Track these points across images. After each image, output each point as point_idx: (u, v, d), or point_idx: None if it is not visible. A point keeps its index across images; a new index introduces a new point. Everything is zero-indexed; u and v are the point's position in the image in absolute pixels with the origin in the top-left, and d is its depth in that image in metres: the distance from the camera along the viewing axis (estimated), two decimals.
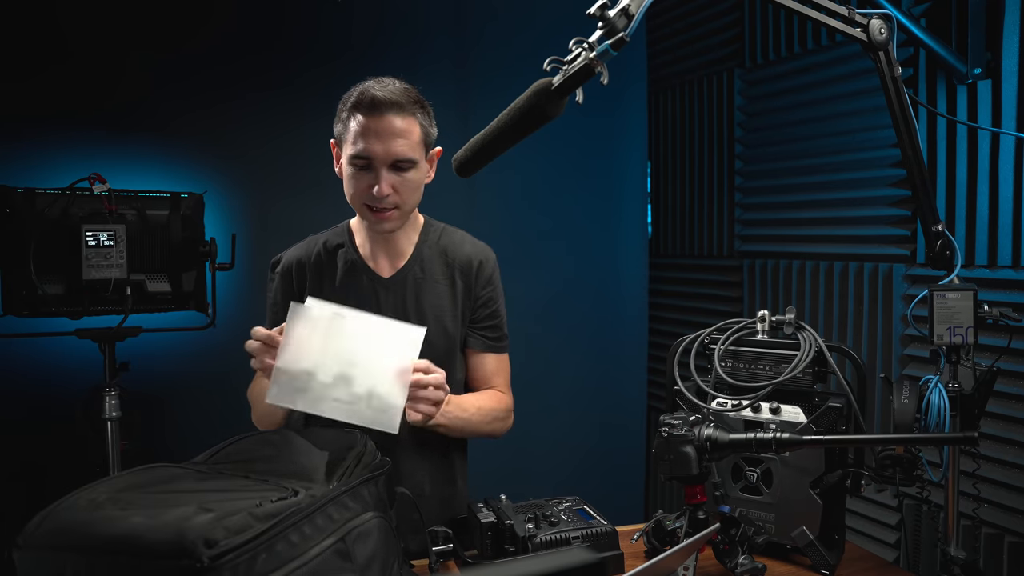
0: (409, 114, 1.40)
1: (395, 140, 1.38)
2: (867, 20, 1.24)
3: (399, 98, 1.39)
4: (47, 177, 2.09)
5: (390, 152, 1.39)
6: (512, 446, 1.65)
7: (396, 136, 1.38)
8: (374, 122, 1.38)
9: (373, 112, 1.37)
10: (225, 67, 2.56)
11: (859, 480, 1.37)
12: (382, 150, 1.38)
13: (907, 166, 1.33)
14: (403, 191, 1.42)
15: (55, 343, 2.16)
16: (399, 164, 1.40)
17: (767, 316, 1.49)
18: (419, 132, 1.42)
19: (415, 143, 1.41)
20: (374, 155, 1.39)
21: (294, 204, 2.61)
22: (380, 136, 1.38)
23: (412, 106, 1.41)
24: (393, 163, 1.40)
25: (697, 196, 3.05)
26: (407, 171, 1.42)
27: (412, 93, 1.43)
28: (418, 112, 1.42)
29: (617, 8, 1.02)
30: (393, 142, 1.38)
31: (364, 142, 1.38)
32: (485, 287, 1.58)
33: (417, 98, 1.43)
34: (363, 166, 1.40)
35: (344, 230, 1.60)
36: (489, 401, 1.56)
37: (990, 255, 1.90)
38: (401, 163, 1.40)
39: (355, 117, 1.39)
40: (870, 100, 2.21)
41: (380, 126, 1.38)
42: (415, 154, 1.42)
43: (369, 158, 1.39)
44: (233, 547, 0.83)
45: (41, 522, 0.89)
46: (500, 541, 1.33)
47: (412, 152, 1.41)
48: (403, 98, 1.39)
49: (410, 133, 1.40)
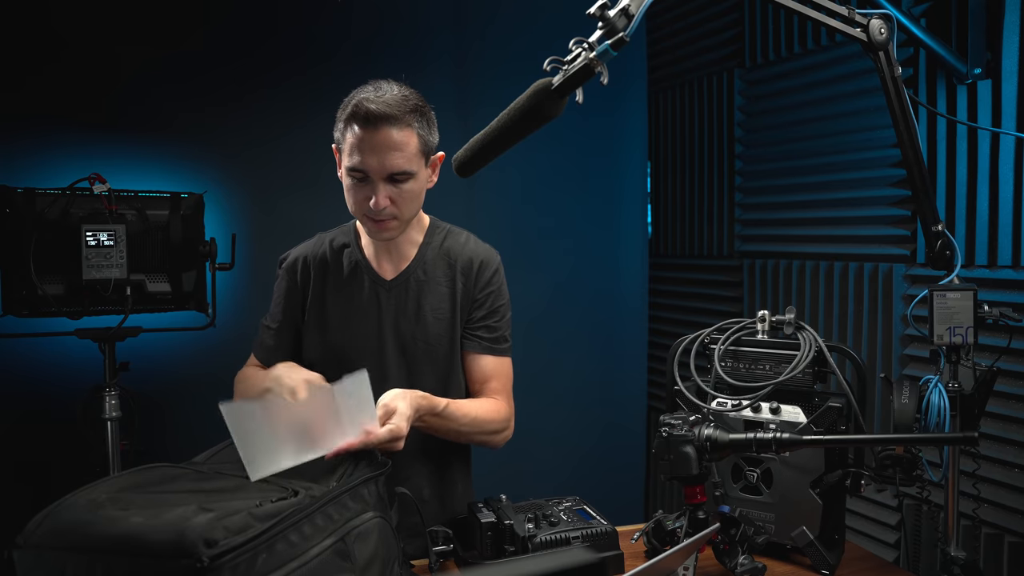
0: (405, 125, 1.37)
1: (390, 154, 1.36)
2: (867, 20, 1.24)
3: (394, 110, 1.35)
4: (47, 177, 2.09)
5: (385, 166, 1.37)
6: (512, 446, 1.64)
7: (391, 149, 1.36)
8: (369, 136, 1.35)
9: (367, 126, 1.35)
10: (225, 67, 2.56)
11: (859, 480, 1.37)
12: (377, 164, 1.36)
13: (907, 166, 1.33)
14: (400, 203, 1.41)
15: (55, 343, 2.16)
16: (395, 177, 1.39)
17: (767, 316, 1.49)
18: (416, 142, 1.39)
19: (412, 155, 1.39)
20: (369, 169, 1.37)
21: (294, 204, 2.61)
22: (375, 150, 1.36)
23: (408, 116, 1.37)
24: (389, 176, 1.38)
25: (697, 196, 3.05)
26: (404, 183, 1.40)
27: (410, 101, 1.39)
28: (415, 122, 1.39)
29: (617, 8, 1.02)
30: (388, 156, 1.36)
31: (359, 155, 1.37)
32: (484, 288, 1.56)
33: (415, 106, 1.40)
34: (360, 179, 1.39)
35: (351, 230, 1.60)
36: (485, 412, 1.52)
37: (990, 255, 1.90)
38: (398, 176, 1.39)
39: (351, 129, 1.37)
40: (870, 100, 2.21)
41: (375, 140, 1.35)
42: (412, 166, 1.39)
43: (365, 171, 1.38)
44: (233, 547, 0.83)
45: (41, 522, 0.89)
46: (500, 541, 1.33)
47: (408, 164, 1.39)
48: (398, 109, 1.36)
49: (406, 145, 1.37)
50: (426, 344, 1.52)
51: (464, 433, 1.50)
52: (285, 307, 1.58)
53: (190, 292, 2.19)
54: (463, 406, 1.49)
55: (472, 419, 1.48)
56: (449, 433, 1.46)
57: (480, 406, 1.53)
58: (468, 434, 1.51)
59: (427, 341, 1.53)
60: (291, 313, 1.57)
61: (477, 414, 1.50)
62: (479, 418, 1.50)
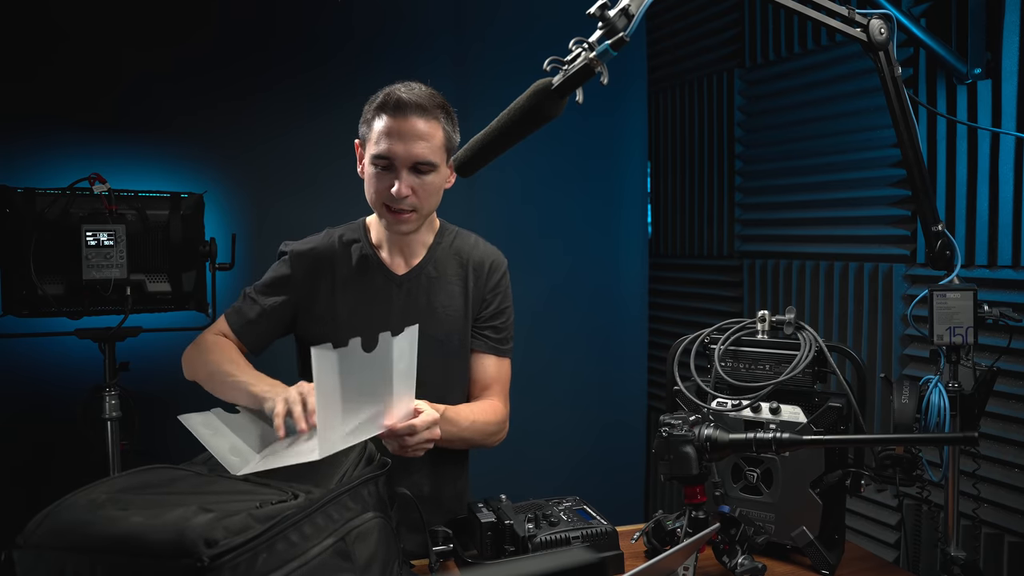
0: (432, 118, 1.41)
1: (417, 142, 1.39)
2: (867, 20, 1.24)
3: (424, 101, 1.40)
4: (47, 177, 2.09)
5: (411, 154, 1.39)
6: (512, 446, 1.64)
7: (418, 138, 1.39)
8: (397, 123, 1.39)
9: (397, 113, 1.39)
10: (225, 67, 2.56)
11: (859, 480, 1.37)
12: (403, 151, 1.39)
13: (907, 166, 1.33)
14: (422, 194, 1.43)
15: (55, 343, 2.16)
16: (419, 166, 1.41)
17: (767, 316, 1.49)
18: (441, 136, 1.43)
19: (437, 147, 1.42)
20: (395, 155, 1.39)
21: (294, 204, 2.61)
22: (403, 137, 1.39)
23: (436, 110, 1.42)
24: (414, 165, 1.41)
25: (697, 196, 3.05)
26: (427, 174, 1.42)
27: (438, 98, 1.44)
28: (442, 117, 1.43)
29: (617, 8, 1.02)
30: (415, 144, 1.39)
31: (387, 142, 1.39)
32: (493, 289, 1.59)
33: (442, 103, 1.45)
34: (384, 166, 1.41)
35: (360, 226, 1.60)
36: (484, 415, 1.53)
37: (990, 255, 1.90)
38: (421, 165, 1.41)
39: (380, 117, 1.41)
40: (870, 100, 2.21)
41: (403, 127, 1.39)
42: (436, 157, 1.42)
43: (390, 158, 1.40)
44: (233, 547, 0.83)
45: (41, 522, 0.89)
46: (500, 541, 1.33)
47: (433, 155, 1.41)
48: (428, 102, 1.41)
49: (432, 136, 1.41)
50: (436, 340, 1.53)
51: (466, 438, 1.50)
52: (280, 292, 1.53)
53: (190, 292, 2.18)
54: (464, 409, 1.51)
55: (472, 422, 1.50)
56: (452, 440, 1.45)
57: (479, 409, 1.54)
58: (469, 439, 1.51)
59: (437, 337, 1.53)
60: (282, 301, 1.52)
61: (477, 417, 1.51)
62: (478, 421, 1.51)
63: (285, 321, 1.54)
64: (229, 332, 1.52)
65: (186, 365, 1.51)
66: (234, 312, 1.54)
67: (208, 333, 1.53)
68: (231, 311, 1.54)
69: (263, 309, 1.52)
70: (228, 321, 1.53)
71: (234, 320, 1.53)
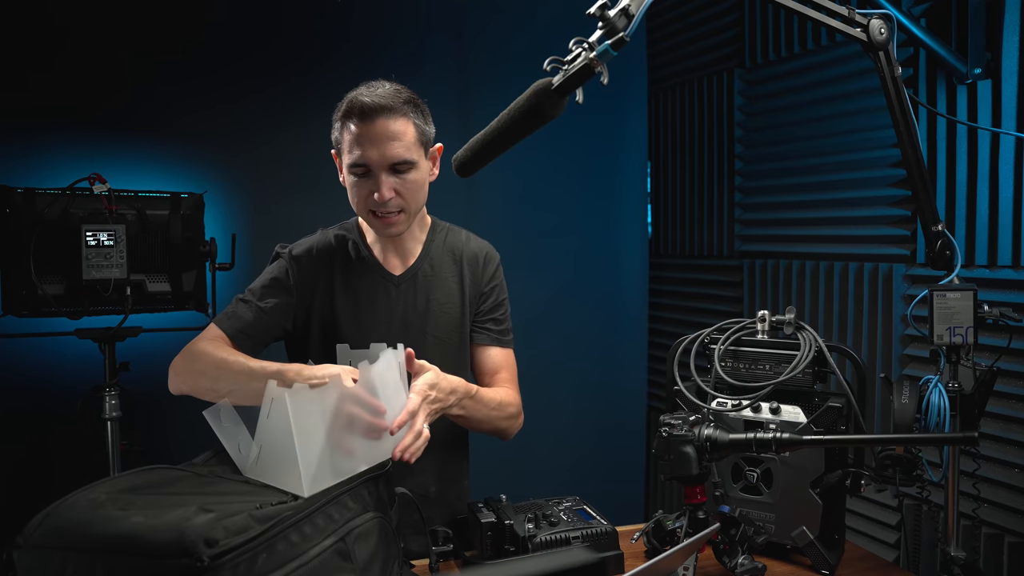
0: (401, 115, 1.39)
1: (389, 144, 1.38)
2: (867, 20, 1.24)
3: (388, 101, 1.37)
4: (47, 177, 2.09)
5: (386, 156, 1.38)
6: (512, 446, 1.64)
7: (390, 139, 1.38)
8: (366, 128, 1.37)
9: (364, 119, 1.37)
10: (225, 67, 2.56)
11: (859, 480, 1.37)
12: (377, 155, 1.38)
13: (907, 166, 1.33)
14: (405, 193, 1.42)
15: (55, 343, 2.16)
16: (397, 167, 1.40)
17: (767, 316, 1.49)
18: (414, 132, 1.41)
19: (411, 143, 1.41)
20: (370, 161, 1.38)
21: (294, 204, 2.61)
22: (374, 142, 1.37)
23: (403, 107, 1.39)
24: (391, 166, 1.39)
25: (697, 196, 3.05)
26: (406, 172, 1.41)
27: (403, 94, 1.42)
28: (411, 112, 1.41)
29: (617, 8, 1.02)
30: (387, 146, 1.38)
31: (359, 149, 1.38)
32: (490, 282, 1.60)
33: (408, 98, 1.42)
34: (362, 173, 1.40)
35: (354, 226, 1.59)
36: (508, 397, 1.55)
37: (990, 255, 1.90)
38: (399, 165, 1.40)
39: (348, 126, 1.39)
40: (870, 100, 2.21)
41: (372, 132, 1.37)
42: (412, 155, 1.41)
43: (366, 165, 1.39)
44: (233, 547, 0.83)
45: (41, 522, 0.89)
46: (500, 541, 1.33)
47: (409, 153, 1.40)
48: (392, 101, 1.38)
49: (404, 134, 1.39)
50: (436, 338, 1.53)
51: (493, 418, 1.49)
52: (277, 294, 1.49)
53: (190, 292, 2.19)
54: (488, 392, 1.50)
55: (498, 403, 1.50)
56: (480, 420, 1.46)
57: (503, 392, 1.55)
58: (496, 419, 1.50)
59: (437, 335, 1.54)
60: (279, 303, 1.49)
61: (501, 398, 1.52)
62: (504, 402, 1.52)
63: (282, 324, 1.50)
64: (223, 337, 1.44)
65: (176, 375, 1.40)
66: (227, 317, 1.47)
67: (198, 341, 1.42)
68: (222, 317, 1.47)
69: (261, 311, 1.47)
70: (221, 326, 1.45)
71: (228, 324, 1.46)
